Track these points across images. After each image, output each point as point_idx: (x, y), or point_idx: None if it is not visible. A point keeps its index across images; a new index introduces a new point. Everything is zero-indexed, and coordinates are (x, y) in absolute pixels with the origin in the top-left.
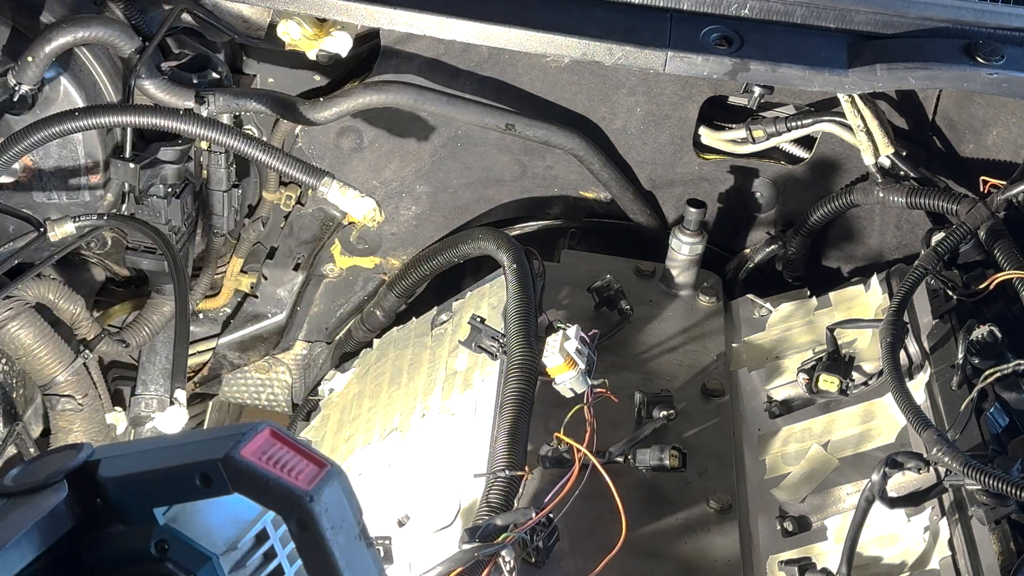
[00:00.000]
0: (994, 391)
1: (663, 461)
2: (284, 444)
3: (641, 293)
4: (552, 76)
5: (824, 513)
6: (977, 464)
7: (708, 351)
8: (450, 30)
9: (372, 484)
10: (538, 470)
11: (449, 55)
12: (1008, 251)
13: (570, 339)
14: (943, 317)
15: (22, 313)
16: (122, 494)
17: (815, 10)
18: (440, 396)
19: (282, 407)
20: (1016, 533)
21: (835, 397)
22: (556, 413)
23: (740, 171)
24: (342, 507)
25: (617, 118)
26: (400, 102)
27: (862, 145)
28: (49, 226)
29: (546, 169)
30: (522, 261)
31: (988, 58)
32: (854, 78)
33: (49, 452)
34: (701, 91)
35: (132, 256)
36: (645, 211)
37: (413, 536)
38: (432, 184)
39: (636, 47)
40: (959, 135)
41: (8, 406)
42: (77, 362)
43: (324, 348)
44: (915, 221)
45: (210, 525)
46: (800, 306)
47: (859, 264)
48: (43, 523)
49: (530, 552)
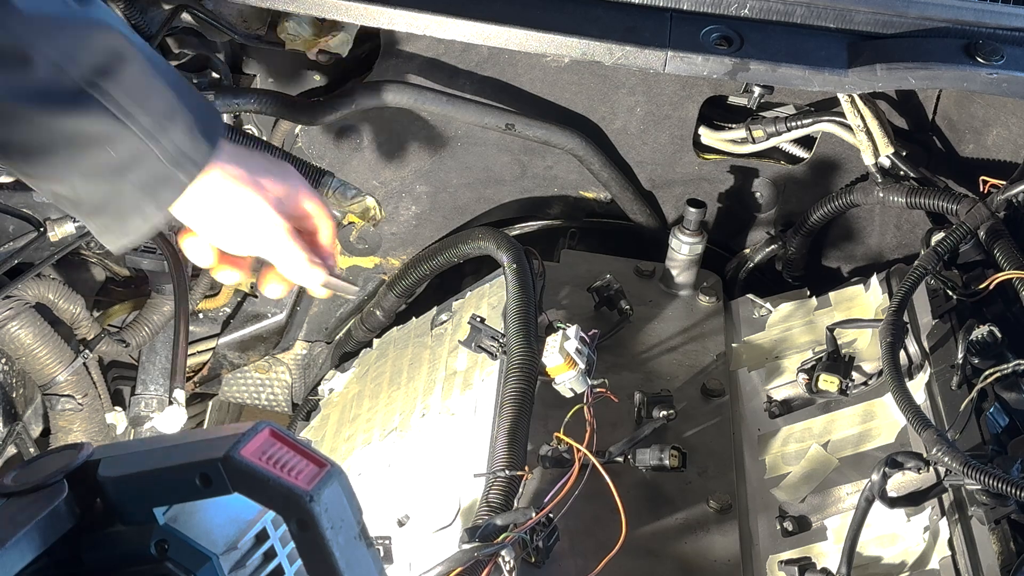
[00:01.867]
0: (994, 391)
1: (663, 461)
2: (284, 444)
3: (641, 293)
4: (552, 76)
5: (824, 513)
6: (977, 464)
7: (708, 351)
8: (450, 30)
9: (372, 484)
10: (538, 470)
11: (449, 55)
12: (1008, 251)
13: (570, 339)
14: (943, 317)
15: (22, 313)
16: (122, 494)
17: (815, 10)
18: (440, 396)
19: (282, 407)
20: (1016, 533)
21: (835, 397)
22: (556, 413)
23: (740, 171)
24: (342, 507)
25: (617, 118)
26: (400, 102)
27: (862, 145)
28: (49, 226)
29: (546, 169)
30: (522, 261)
31: (988, 58)
32: (854, 78)
33: (49, 452)
34: (701, 91)
35: (132, 256)
36: (645, 211)
37: (413, 536)
38: (432, 184)
39: (636, 47)
40: (959, 135)
41: (8, 406)
42: (77, 362)
43: (324, 348)
44: (915, 221)
45: (210, 525)
46: (800, 306)
47: (859, 264)
48: (43, 523)
49: (530, 552)
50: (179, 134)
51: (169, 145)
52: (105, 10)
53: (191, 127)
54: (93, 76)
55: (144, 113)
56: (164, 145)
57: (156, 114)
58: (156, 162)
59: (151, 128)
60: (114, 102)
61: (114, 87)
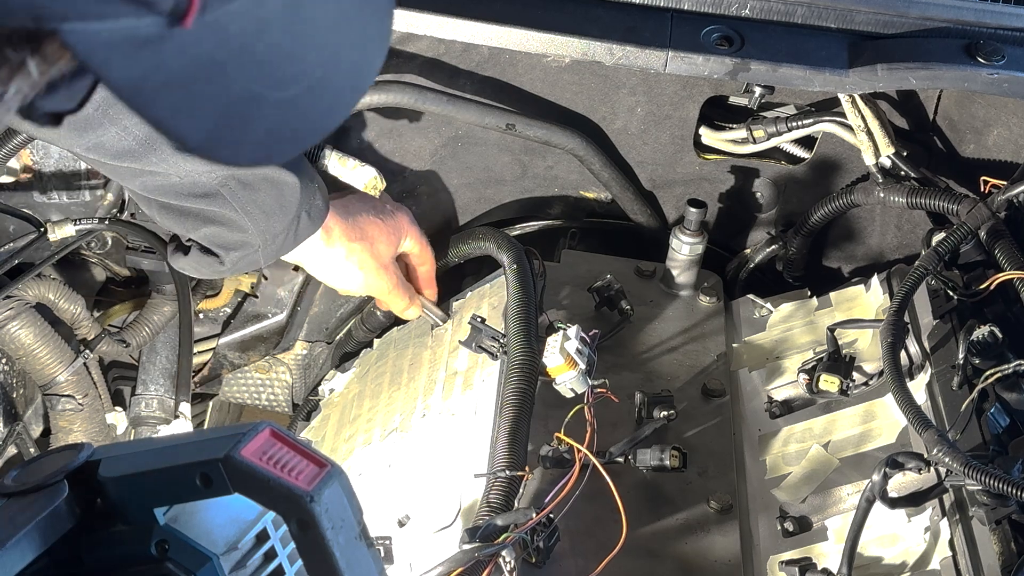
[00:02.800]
0: (995, 391)
1: (663, 461)
2: (284, 444)
3: (641, 293)
4: (552, 76)
5: (824, 513)
6: (978, 464)
7: (708, 351)
8: (451, 30)
9: (372, 484)
10: (538, 470)
11: (449, 55)
12: (1009, 251)
13: (570, 339)
14: (944, 317)
15: (22, 313)
16: (122, 494)
17: (816, 10)
18: (440, 396)
19: (282, 407)
20: (1017, 533)
21: (835, 397)
22: (556, 413)
23: (740, 171)
24: (342, 507)
25: (617, 118)
26: (400, 102)
27: (863, 145)
28: (49, 227)
29: (546, 169)
30: (522, 261)
31: (989, 58)
32: (855, 78)
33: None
34: (702, 91)
35: (132, 256)
36: (645, 211)
37: (413, 536)
38: (432, 184)
39: (637, 47)
40: (960, 135)
41: (8, 406)
42: (77, 362)
43: (324, 348)
44: (915, 221)
45: (210, 525)
46: (800, 306)
47: (859, 264)
48: (43, 523)
49: (530, 552)
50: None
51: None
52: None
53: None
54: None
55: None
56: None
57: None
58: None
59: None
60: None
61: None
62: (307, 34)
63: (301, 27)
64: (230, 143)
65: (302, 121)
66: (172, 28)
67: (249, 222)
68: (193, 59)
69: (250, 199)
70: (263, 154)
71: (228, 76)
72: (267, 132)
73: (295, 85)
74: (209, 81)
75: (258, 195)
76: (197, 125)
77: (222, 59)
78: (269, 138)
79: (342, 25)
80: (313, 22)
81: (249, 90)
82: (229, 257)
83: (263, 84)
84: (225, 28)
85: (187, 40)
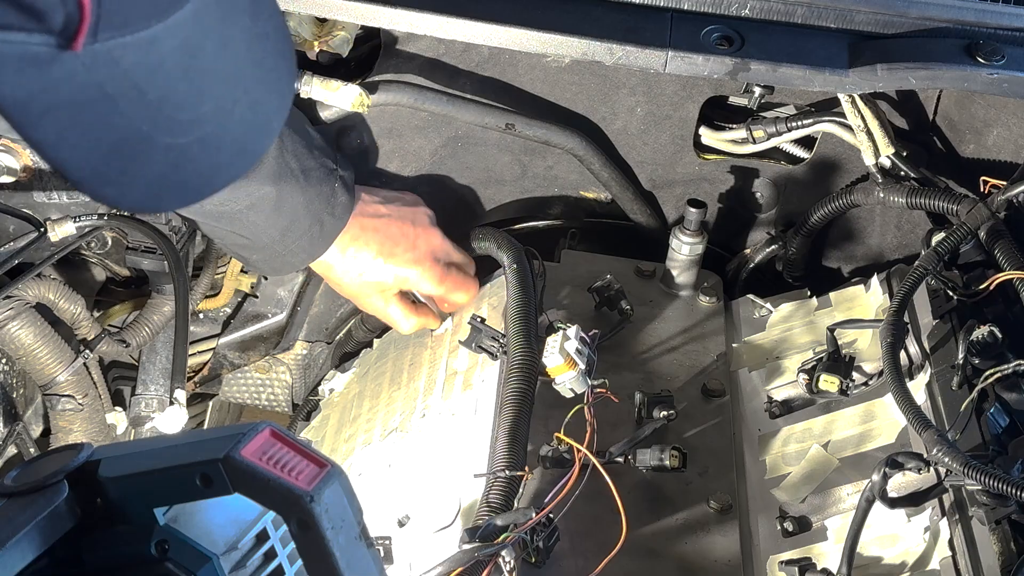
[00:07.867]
0: (994, 391)
1: (663, 461)
2: (284, 444)
3: (641, 293)
4: (552, 76)
5: (824, 513)
6: (977, 464)
7: (708, 351)
8: (451, 30)
9: (372, 484)
10: (538, 470)
11: (449, 55)
12: (1008, 251)
13: (570, 339)
14: (943, 317)
15: (22, 313)
16: (122, 494)
17: (816, 10)
18: (440, 396)
19: (282, 407)
20: (1016, 533)
21: (835, 397)
22: (556, 413)
23: (740, 171)
24: (342, 507)
25: (617, 118)
26: (400, 102)
27: (862, 145)
28: (49, 226)
29: (546, 169)
30: (522, 261)
31: (989, 58)
32: (855, 78)
33: (49, 452)
34: (702, 91)
35: (132, 256)
36: (645, 211)
37: (413, 536)
38: (432, 184)
39: (636, 47)
40: (959, 135)
41: (8, 406)
42: (77, 362)
43: (324, 348)
44: (915, 221)
45: (210, 525)
46: (800, 306)
47: (859, 264)
48: (43, 523)
49: (530, 552)
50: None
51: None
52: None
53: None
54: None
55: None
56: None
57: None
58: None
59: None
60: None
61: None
62: (202, 84)
63: (196, 76)
64: (116, 182)
65: (193, 172)
66: (63, 51)
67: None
68: (83, 86)
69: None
70: (152, 199)
71: (119, 111)
72: (157, 177)
73: (187, 134)
74: (98, 113)
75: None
76: (83, 156)
77: (113, 92)
78: (159, 183)
79: (238, 81)
80: (209, 73)
81: (139, 130)
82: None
83: (154, 126)
84: (117, 61)
85: (77, 65)
